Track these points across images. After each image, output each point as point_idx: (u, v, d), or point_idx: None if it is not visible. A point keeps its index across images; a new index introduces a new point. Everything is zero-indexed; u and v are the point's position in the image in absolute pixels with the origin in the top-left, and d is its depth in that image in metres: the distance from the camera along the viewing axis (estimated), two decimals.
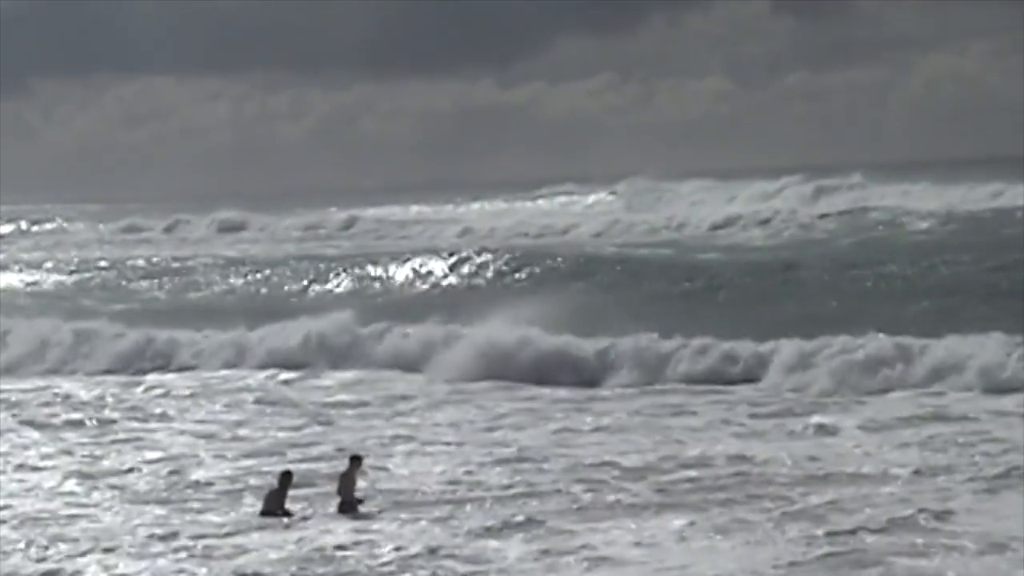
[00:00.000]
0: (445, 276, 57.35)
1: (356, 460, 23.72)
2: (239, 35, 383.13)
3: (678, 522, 21.43)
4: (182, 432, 30.41)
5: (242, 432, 30.34)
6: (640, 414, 30.88)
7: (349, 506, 22.97)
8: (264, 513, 22.86)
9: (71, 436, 30.21)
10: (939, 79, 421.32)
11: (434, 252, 62.11)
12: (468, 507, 23.02)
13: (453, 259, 58.97)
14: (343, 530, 21.72)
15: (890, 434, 27.59)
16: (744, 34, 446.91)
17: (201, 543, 21.17)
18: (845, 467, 24.63)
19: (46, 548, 21.03)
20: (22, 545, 21.18)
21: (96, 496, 24.59)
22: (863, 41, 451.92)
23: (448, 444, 28.27)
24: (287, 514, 22.74)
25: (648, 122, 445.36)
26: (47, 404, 34.66)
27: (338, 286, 57.12)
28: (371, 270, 59.44)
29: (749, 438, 27.71)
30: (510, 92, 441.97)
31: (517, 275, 56.14)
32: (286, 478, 23.33)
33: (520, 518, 22.03)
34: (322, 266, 61.06)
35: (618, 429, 29.24)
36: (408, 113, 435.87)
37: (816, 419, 29.22)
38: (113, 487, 25.18)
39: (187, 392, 36.04)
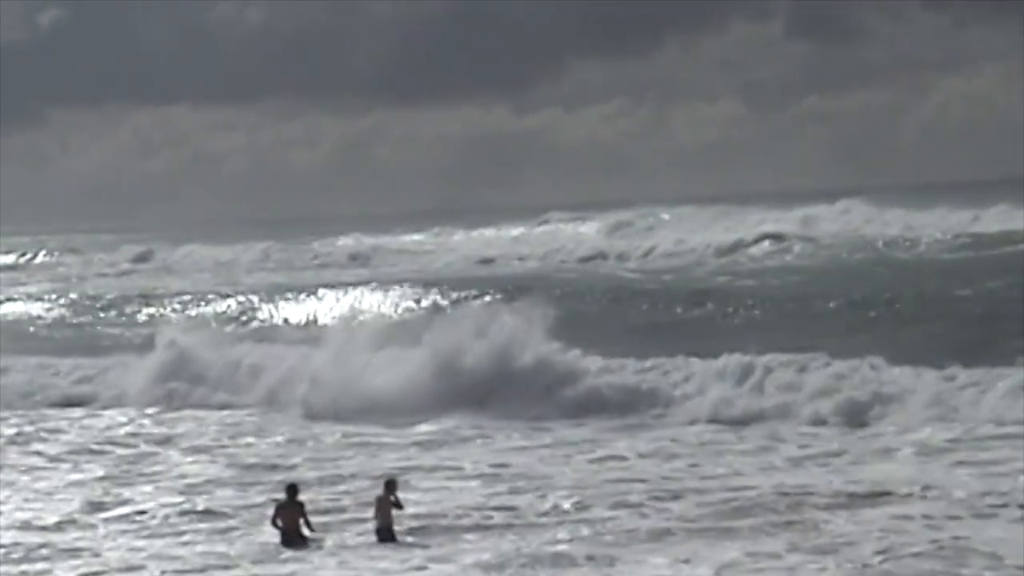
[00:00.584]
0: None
1: (391, 484, 22.61)
2: (252, 63, 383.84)
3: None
4: None
5: None
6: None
7: (388, 533, 22.04)
8: (284, 532, 21.92)
9: None
10: (953, 101, 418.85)
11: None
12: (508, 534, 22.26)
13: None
14: (401, 559, 20.99)
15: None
16: (758, 58, 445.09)
17: None
18: None
19: None
20: None
21: None
22: (876, 64, 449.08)
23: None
24: (312, 529, 22.08)
25: (662, 146, 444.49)
26: None
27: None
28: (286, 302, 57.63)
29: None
30: (525, 118, 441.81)
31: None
32: (293, 491, 22.50)
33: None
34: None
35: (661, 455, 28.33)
36: (423, 140, 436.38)
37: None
38: None
39: None
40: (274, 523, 22.21)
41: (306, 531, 22.07)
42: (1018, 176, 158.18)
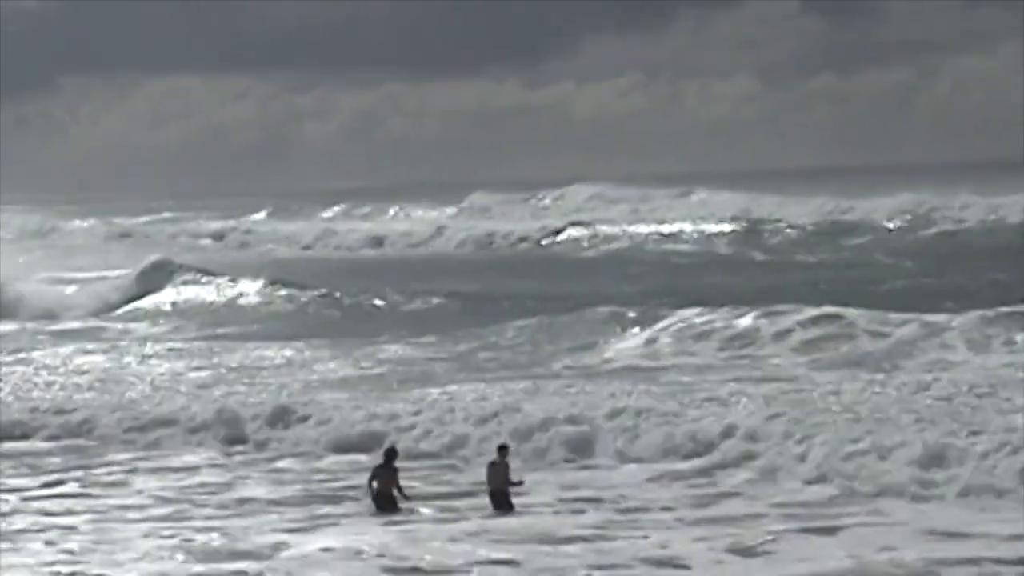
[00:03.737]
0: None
1: (504, 449, 22.78)
2: (265, 34, 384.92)
3: None
4: None
5: None
6: None
7: (503, 498, 22.08)
8: (377, 496, 22.17)
9: None
10: (966, 81, 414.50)
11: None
12: None
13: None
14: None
15: None
16: (772, 35, 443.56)
17: None
18: None
19: None
20: None
21: None
22: (890, 43, 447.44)
23: None
24: (405, 497, 22.22)
25: (675, 122, 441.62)
26: None
27: None
28: None
29: None
30: (537, 92, 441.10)
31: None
32: (392, 455, 22.61)
33: None
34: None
35: None
36: (435, 113, 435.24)
37: None
38: None
39: None
40: (369, 484, 22.55)
41: (399, 497, 22.35)
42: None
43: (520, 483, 22.36)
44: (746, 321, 37.92)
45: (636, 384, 31.54)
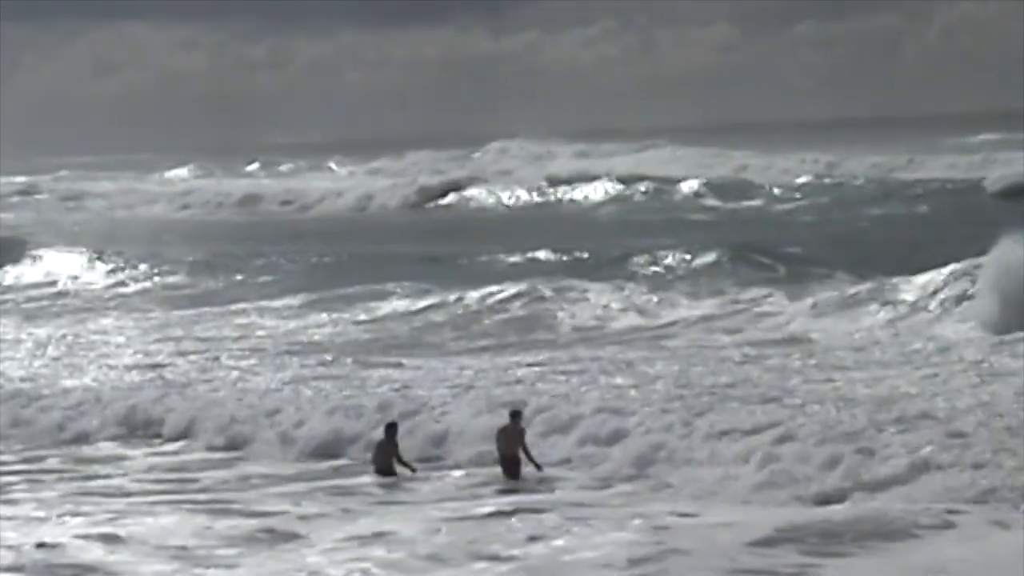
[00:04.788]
0: None
1: (516, 415, 22.09)
2: None
3: None
4: None
5: None
6: None
7: (514, 463, 21.50)
8: (380, 472, 21.94)
9: None
10: (957, 28, 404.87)
11: None
12: None
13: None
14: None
15: None
16: None
17: None
18: None
19: None
20: None
21: None
22: None
23: None
24: (410, 468, 21.95)
25: (649, 72, 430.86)
26: None
27: None
28: None
29: None
30: (503, 41, 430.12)
31: None
32: (392, 429, 22.33)
33: None
34: None
35: None
36: (395, 64, 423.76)
37: None
38: None
39: None
40: (374, 459, 22.30)
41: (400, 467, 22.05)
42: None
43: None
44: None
45: None
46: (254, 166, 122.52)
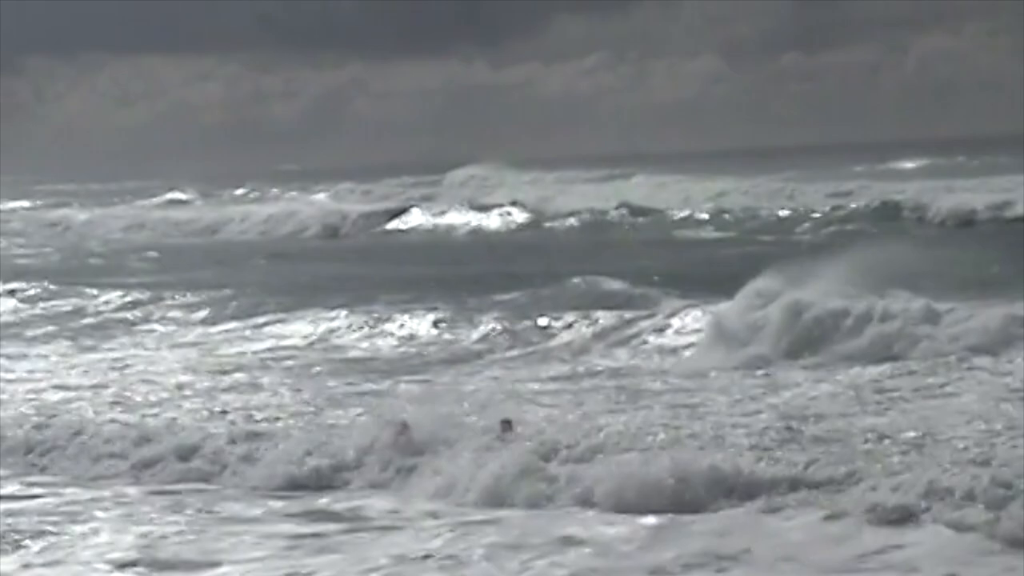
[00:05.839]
0: None
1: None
2: (229, 13, 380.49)
3: None
4: None
5: None
6: None
7: None
8: None
9: None
10: (933, 59, 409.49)
11: None
12: None
13: None
14: None
15: None
16: (738, 14, 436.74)
17: None
18: None
19: None
20: None
21: None
22: (857, 21, 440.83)
23: None
24: None
25: (642, 102, 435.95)
26: None
27: None
28: None
29: None
30: (503, 72, 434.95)
31: None
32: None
33: None
34: None
35: None
36: (401, 94, 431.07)
37: None
38: None
39: None
40: None
41: None
42: (997, 134, 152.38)
43: None
44: None
45: None
46: (238, 192, 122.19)
